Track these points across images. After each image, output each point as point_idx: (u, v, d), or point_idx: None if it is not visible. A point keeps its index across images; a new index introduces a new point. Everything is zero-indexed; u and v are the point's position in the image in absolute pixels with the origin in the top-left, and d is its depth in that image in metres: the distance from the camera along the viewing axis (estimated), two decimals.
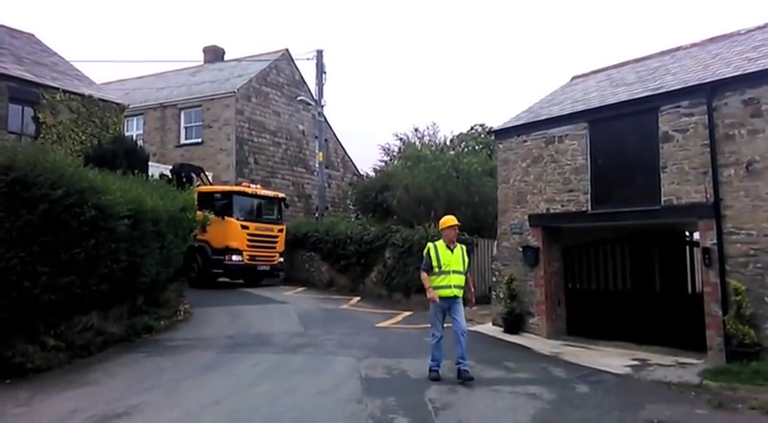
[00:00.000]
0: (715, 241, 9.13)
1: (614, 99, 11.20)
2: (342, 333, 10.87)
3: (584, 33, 73.40)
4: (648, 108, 10.24)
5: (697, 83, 9.75)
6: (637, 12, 74.09)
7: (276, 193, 20.04)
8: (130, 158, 14.64)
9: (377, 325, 12.07)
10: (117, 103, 17.31)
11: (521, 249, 12.13)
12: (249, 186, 18.88)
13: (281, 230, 19.10)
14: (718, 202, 9.13)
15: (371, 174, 28.25)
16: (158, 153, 23.01)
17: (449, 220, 8.20)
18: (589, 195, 11.11)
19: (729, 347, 8.62)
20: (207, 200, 17.22)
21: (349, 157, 29.79)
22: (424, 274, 8.01)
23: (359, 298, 16.49)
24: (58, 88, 15.42)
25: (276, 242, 18.76)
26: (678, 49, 13.08)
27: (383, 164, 30.16)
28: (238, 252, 17.43)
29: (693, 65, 11.13)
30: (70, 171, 8.13)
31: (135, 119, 24.20)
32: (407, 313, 14.01)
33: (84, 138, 15.85)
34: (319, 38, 79.51)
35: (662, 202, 9.90)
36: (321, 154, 22.22)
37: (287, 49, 25.77)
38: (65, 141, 15.28)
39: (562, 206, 11.55)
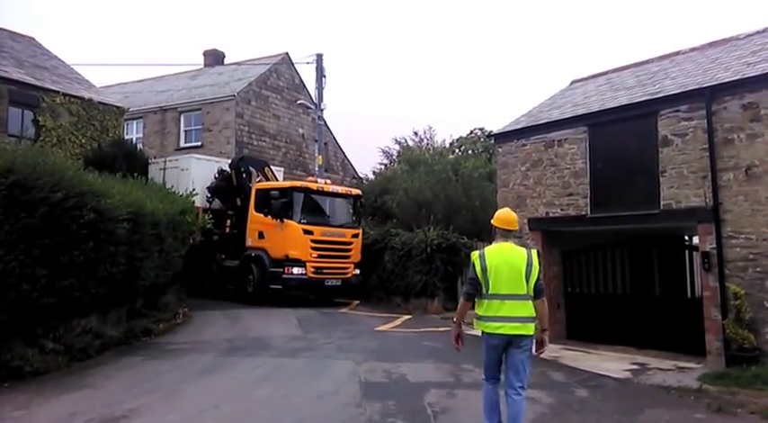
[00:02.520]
0: (714, 245, 9.14)
1: (614, 103, 11.23)
2: (341, 337, 10.86)
3: (584, 37, 73.59)
4: (648, 112, 10.27)
5: (696, 87, 9.79)
6: (637, 16, 74.34)
7: (350, 189, 17.14)
8: (130, 161, 14.69)
9: (376, 329, 12.06)
10: (117, 107, 17.35)
11: None
12: (316, 181, 15.77)
13: (355, 236, 15.74)
14: (718, 207, 9.15)
15: (371, 177, 28.29)
16: (157, 156, 23.01)
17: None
18: (588, 199, 11.13)
19: (729, 352, 8.63)
20: (265, 199, 14.95)
21: (348, 161, 29.80)
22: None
23: (358, 302, 16.47)
24: (58, 91, 15.47)
25: (349, 251, 15.43)
26: (678, 53, 13.12)
27: (383, 167, 30.22)
28: (300, 263, 14.35)
29: (693, 69, 11.16)
30: (70, 174, 8.13)
31: (135, 122, 24.20)
32: (406, 317, 14.00)
33: (83, 141, 15.89)
34: (319, 42, 79.72)
35: (661, 207, 9.91)
36: (321, 157, 22.19)
37: (287, 53, 25.80)
38: (64, 144, 15.31)
39: (561, 210, 11.56)
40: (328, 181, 16.69)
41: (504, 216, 5.52)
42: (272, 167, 17.65)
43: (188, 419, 5.95)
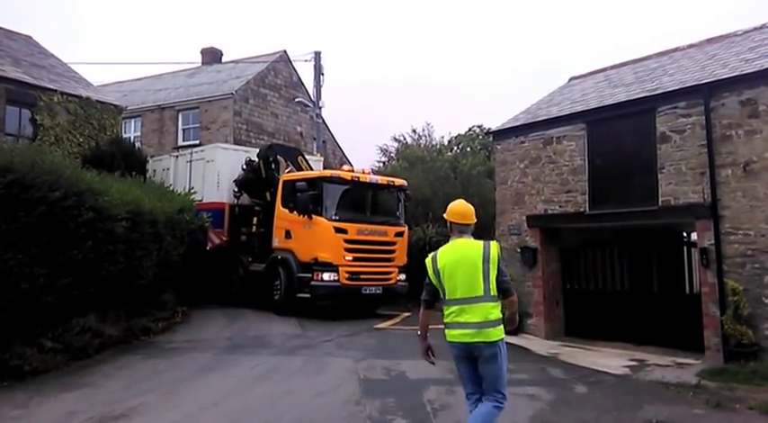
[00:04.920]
0: (712, 241, 9.15)
1: (612, 100, 11.24)
2: (340, 334, 10.86)
3: (582, 33, 73.53)
4: (646, 109, 10.27)
5: (694, 84, 9.79)
6: (635, 13, 74.27)
7: (392, 179, 14.41)
8: (128, 160, 14.65)
9: (375, 326, 12.06)
10: (114, 105, 17.30)
11: (519, 250, 12.14)
12: (352, 170, 13.54)
13: (399, 234, 13.32)
14: (716, 203, 9.15)
15: None
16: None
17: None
18: (587, 196, 11.13)
19: (727, 347, 8.64)
20: (292, 192, 12.78)
21: (347, 159, 29.79)
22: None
23: None
24: (55, 90, 15.42)
25: (392, 252, 13.13)
26: (676, 49, 13.12)
27: (381, 165, 30.22)
28: (331, 268, 12.19)
29: (691, 66, 11.17)
30: (68, 173, 8.14)
31: (132, 121, 24.18)
32: (406, 314, 13.98)
33: (81, 140, 15.84)
34: (317, 39, 79.60)
35: (659, 203, 9.92)
36: (319, 155, 22.20)
37: (285, 51, 25.78)
38: (62, 143, 15.26)
39: (560, 207, 11.57)
40: (366, 169, 14.46)
41: (459, 209, 4.79)
42: (308, 157, 15.74)
43: (188, 418, 5.95)
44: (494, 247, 4.54)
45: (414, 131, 31.78)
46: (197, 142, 23.01)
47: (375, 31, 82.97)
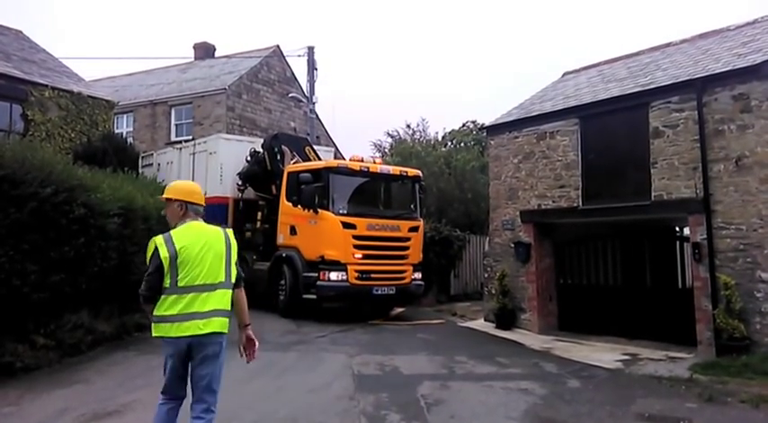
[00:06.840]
0: (705, 236, 9.20)
1: (605, 95, 11.26)
2: (334, 330, 10.85)
3: (576, 30, 73.58)
4: (639, 104, 10.30)
5: (687, 78, 9.82)
6: (629, 8, 74.36)
7: (406, 169, 13.46)
8: (120, 156, 14.56)
9: (369, 322, 12.06)
10: (106, 101, 17.17)
11: (512, 245, 12.17)
12: (362, 160, 12.39)
13: (414, 229, 12.37)
14: (708, 198, 9.19)
15: None
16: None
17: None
18: (580, 191, 11.17)
19: (719, 341, 8.69)
20: (296, 185, 11.94)
21: (340, 154, 29.66)
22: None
23: None
24: (46, 85, 15.30)
25: (406, 249, 12.14)
26: (669, 44, 13.16)
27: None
28: (339, 266, 11.35)
29: (684, 61, 11.19)
30: (59, 169, 8.09)
31: (125, 116, 24.02)
32: (400, 309, 14.01)
33: (73, 135, 15.72)
34: (310, 34, 79.34)
35: (652, 198, 9.96)
36: (329, 146, 22.08)
37: (278, 46, 25.67)
38: (54, 139, 15.15)
39: (553, 202, 11.59)
40: (378, 159, 13.64)
41: (189, 187, 4.45)
42: (317, 147, 14.98)
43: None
44: (231, 232, 4.38)
45: (408, 126, 31.69)
46: (190, 138, 22.91)
47: (369, 25, 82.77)
